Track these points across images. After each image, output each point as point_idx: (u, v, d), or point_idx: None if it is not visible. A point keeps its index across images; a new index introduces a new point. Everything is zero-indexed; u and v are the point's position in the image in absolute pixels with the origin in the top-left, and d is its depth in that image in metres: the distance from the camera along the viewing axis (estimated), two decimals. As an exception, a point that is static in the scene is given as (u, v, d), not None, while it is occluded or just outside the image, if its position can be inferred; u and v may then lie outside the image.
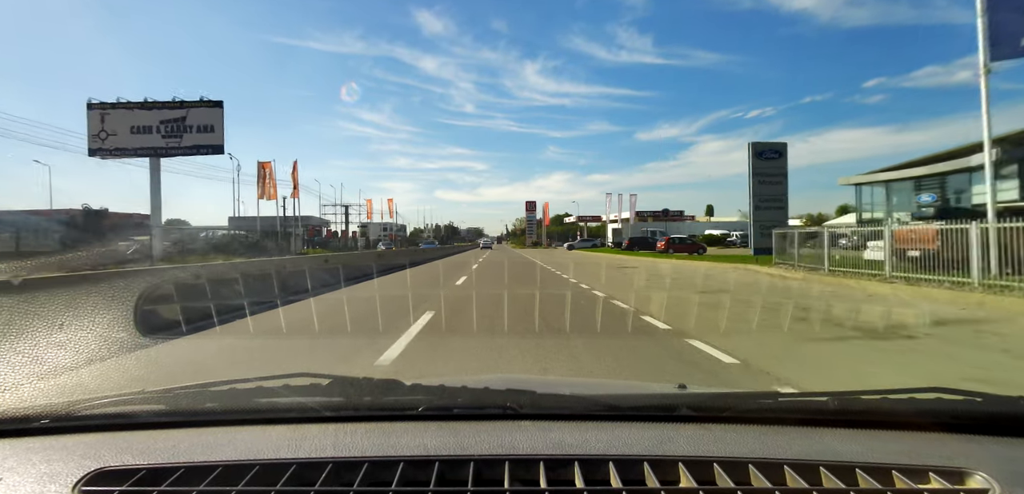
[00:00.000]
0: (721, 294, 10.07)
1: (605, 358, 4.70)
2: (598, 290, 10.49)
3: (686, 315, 7.17)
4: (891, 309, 7.95)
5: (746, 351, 4.78)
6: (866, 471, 0.82)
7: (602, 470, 0.84)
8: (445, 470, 0.83)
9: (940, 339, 5.85)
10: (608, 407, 1.08)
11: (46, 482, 0.83)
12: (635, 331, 6.10)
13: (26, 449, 0.95)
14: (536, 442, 0.91)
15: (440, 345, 5.39)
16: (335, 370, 1.52)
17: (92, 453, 0.91)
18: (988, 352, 5.24)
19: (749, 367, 4.28)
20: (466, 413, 1.05)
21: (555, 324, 6.40)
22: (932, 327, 6.48)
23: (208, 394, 1.18)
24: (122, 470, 0.85)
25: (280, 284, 9.30)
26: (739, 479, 0.81)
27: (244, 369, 4.50)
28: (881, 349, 5.27)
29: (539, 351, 4.85)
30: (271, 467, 0.84)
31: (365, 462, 0.85)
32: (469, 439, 0.93)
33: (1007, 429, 0.97)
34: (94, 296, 5.73)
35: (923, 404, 1.02)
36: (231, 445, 0.93)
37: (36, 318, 4.79)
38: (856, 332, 6.30)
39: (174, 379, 4.07)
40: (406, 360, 4.60)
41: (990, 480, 0.79)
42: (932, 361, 4.72)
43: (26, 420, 1.04)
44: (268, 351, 5.40)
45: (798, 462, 0.84)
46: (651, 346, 5.26)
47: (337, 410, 1.06)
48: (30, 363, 4.15)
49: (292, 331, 6.20)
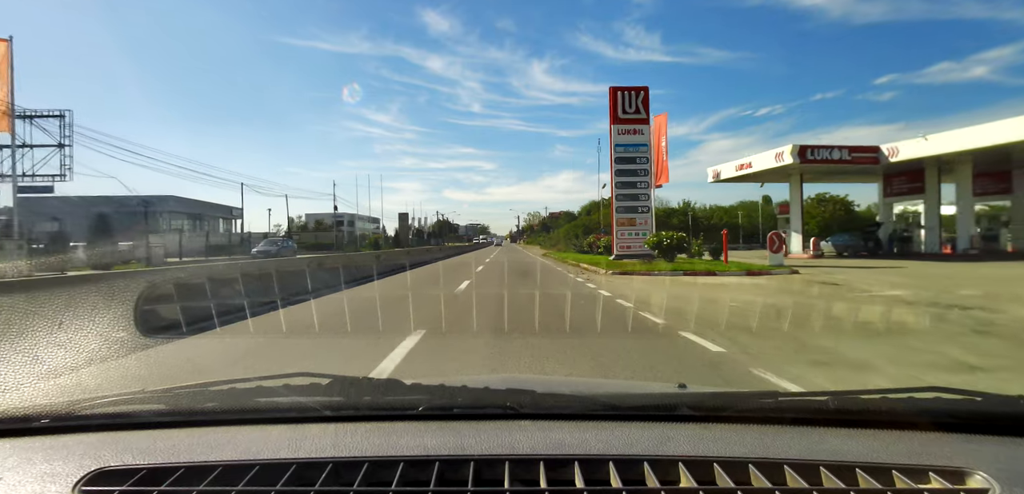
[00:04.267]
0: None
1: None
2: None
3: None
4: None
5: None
6: (866, 471, 0.82)
7: (602, 470, 0.84)
8: (445, 470, 0.83)
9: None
10: (608, 407, 1.08)
11: (46, 481, 0.83)
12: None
13: (26, 448, 0.95)
14: (536, 442, 0.92)
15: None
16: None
17: (92, 453, 0.91)
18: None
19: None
20: (466, 413, 1.05)
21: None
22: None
23: (208, 394, 1.18)
24: (122, 470, 0.85)
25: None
26: (739, 479, 0.81)
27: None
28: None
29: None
30: (271, 467, 0.84)
31: (365, 462, 0.85)
32: (469, 439, 0.93)
33: (1007, 429, 0.97)
34: (94, 295, 5.73)
35: (923, 404, 1.02)
36: (231, 445, 0.93)
37: (36, 317, 4.79)
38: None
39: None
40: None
41: (990, 480, 0.79)
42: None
43: (27, 420, 1.04)
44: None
45: (798, 462, 0.84)
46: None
47: (337, 410, 1.06)
48: (31, 363, 4.16)
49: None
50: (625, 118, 22.17)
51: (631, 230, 21.91)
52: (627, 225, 22.00)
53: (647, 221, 22.10)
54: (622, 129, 22.16)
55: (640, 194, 22.29)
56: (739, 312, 7.45)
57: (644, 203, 22.24)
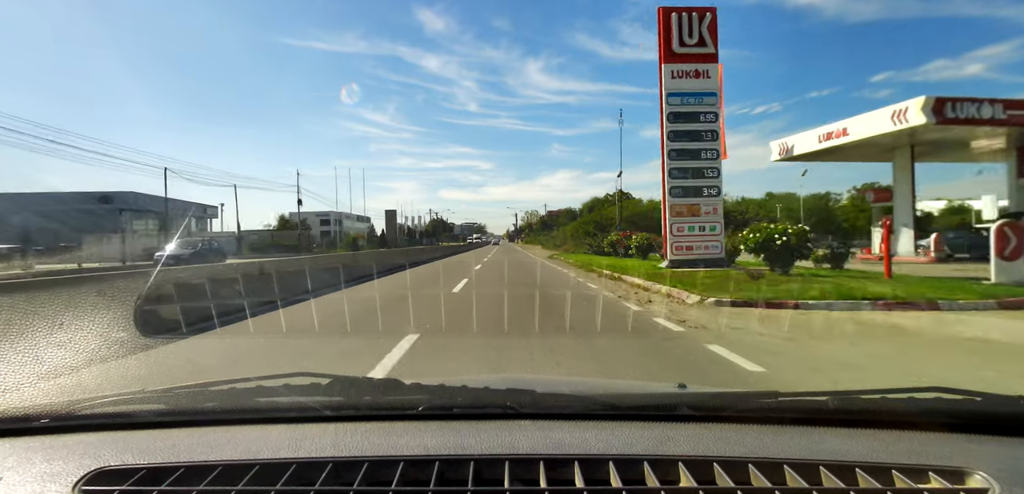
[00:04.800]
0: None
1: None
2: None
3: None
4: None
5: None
6: (866, 470, 0.82)
7: (602, 469, 0.84)
8: (445, 469, 0.83)
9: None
10: (608, 406, 1.08)
11: (46, 481, 0.83)
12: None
13: (27, 448, 0.95)
14: (536, 442, 0.91)
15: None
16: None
17: (92, 452, 0.91)
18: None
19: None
20: (466, 412, 1.05)
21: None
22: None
23: (208, 394, 1.18)
24: (122, 469, 0.85)
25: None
26: (739, 479, 0.81)
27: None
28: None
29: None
30: (271, 467, 0.84)
31: (365, 461, 0.85)
32: (469, 438, 0.93)
33: (1007, 429, 0.97)
34: (94, 295, 5.73)
35: (923, 404, 1.02)
36: (231, 445, 0.93)
37: (36, 317, 4.79)
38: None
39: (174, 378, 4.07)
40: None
41: (990, 480, 0.79)
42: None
43: (27, 419, 1.04)
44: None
45: (798, 461, 0.84)
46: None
47: (337, 409, 1.06)
48: (31, 363, 4.16)
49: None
50: (683, 54, 14.61)
51: (692, 223, 14.67)
52: (686, 216, 14.68)
53: (715, 208, 14.70)
54: (677, 71, 14.62)
55: (706, 168, 14.69)
56: None
57: (711, 181, 14.73)
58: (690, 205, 14.73)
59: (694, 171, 14.74)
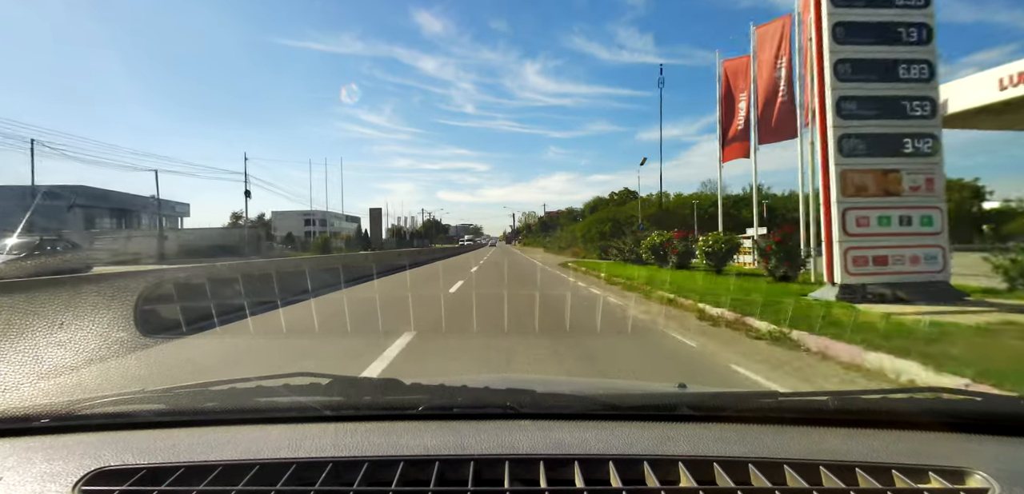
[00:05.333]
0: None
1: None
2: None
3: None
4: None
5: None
6: (866, 470, 0.82)
7: (602, 469, 0.84)
8: (445, 469, 0.83)
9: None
10: (608, 407, 1.08)
11: (46, 481, 0.83)
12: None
13: (27, 448, 0.95)
14: (536, 441, 0.91)
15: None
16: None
17: (92, 452, 0.91)
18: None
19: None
20: (466, 412, 1.05)
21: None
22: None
23: (208, 394, 1.17)
24: (122, 469, 0.85)
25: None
26: (739, 479, 0.81)
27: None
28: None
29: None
30: (271, 467, 0.84)
31: (365, 461, 0.85)
32: (469, 438, 0.93)
33: (1007, 429, 0.97)
34: (94, 295, 5.73)
35: (923, 403, 1.02)
36: (231, 445, 0.93)
37: (36, 317, 4.79)
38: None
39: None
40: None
41: (990, 480, 0.79)
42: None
43: (27, 419, 1.04)
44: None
45: (798, 461, 0.84)
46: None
47: (337, 409, 1.06)
48: (31, 363, 4.16)
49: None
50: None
51: (886, 208, 7.79)
52: (873, 193, 7.80)
53: (931, 180, 7.87)
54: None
55: (913, 112, 7.87)
56: None
57: (921, 124, 7.87)
58: (884, 172, 7.82)
59: (888, 103, 7.85)
